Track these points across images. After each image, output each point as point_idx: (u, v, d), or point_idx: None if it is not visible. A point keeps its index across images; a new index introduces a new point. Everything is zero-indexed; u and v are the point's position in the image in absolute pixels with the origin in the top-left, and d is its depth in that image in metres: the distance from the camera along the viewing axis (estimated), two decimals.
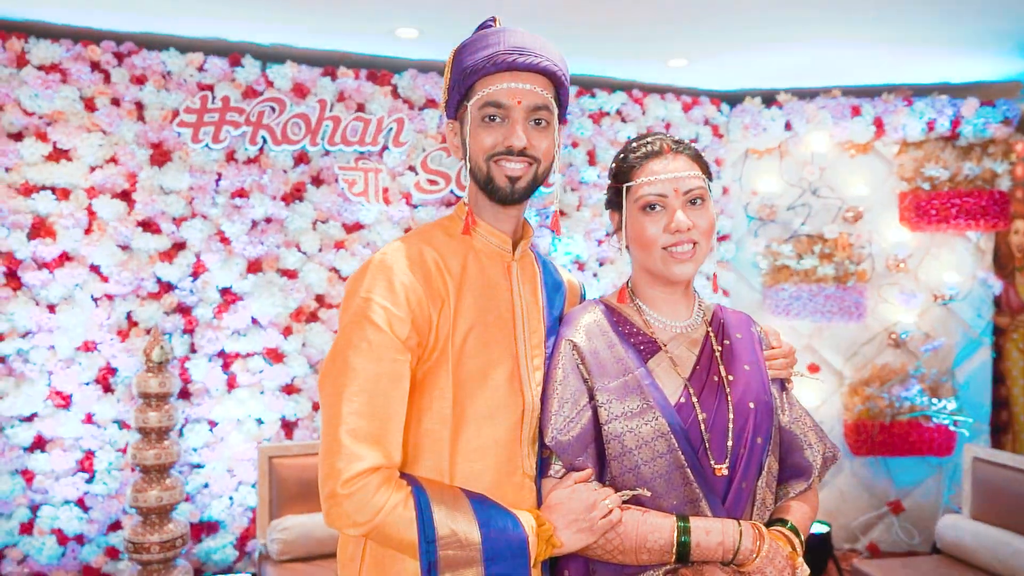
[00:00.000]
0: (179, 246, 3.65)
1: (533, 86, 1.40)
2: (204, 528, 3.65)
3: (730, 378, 1.47)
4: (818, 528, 4.14)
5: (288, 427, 3.79)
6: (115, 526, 3.51)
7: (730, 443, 1.41)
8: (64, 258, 3.48)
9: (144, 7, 3.32)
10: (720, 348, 1.52)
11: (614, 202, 1.54)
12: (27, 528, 3.44)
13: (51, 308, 3.46)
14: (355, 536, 1.28)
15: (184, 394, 3.62)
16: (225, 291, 3.70)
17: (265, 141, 3.75)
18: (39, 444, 3.45)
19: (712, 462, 1.40)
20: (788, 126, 4.49)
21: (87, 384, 3.50)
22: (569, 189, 4.28)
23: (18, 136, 3.45)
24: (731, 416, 1.43)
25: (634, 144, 1.52)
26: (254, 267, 3.74)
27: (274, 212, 3.76)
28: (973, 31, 3.64)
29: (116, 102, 3.56)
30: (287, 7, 3.32)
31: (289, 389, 3.78)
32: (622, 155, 1.52)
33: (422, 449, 1.33)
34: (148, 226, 3.59)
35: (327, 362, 1.28)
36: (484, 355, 1.36)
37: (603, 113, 4.33)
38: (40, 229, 3.45)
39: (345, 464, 1.21)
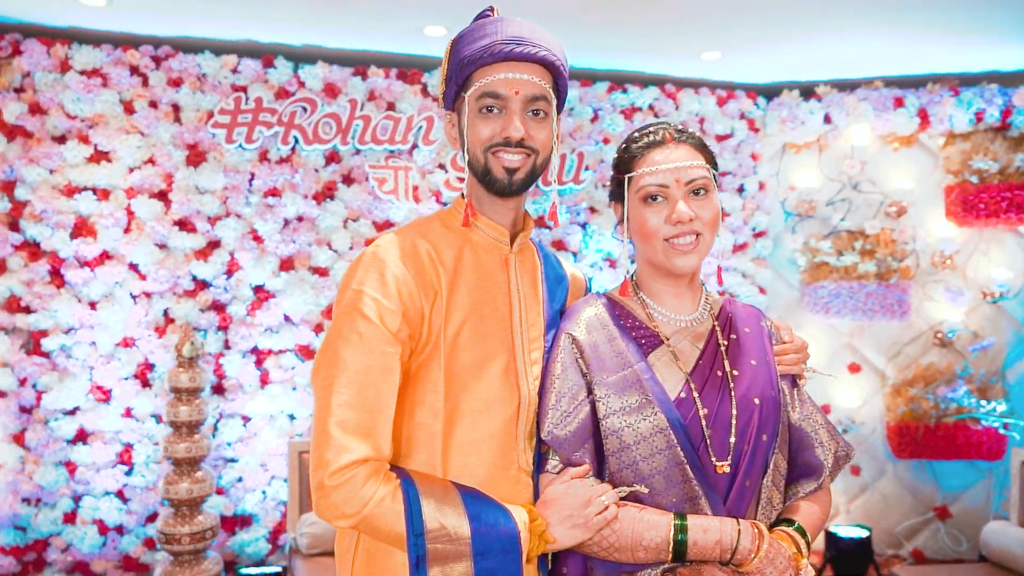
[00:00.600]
0: (214, 245, 3.73)
1: (531, 76, 1.38)
2: (238, 521, 3.73)
3: (735, 373, 1.43)
4: (858, 532, 4.02)
5: None
6: (152, 517, 3.61)
7: (733, 440, 1.37)
8: (104, 257, 3.59)
9: (180, 11, 3.40)
10: (726, 342, 1.48)
11: (617, 193, 1.51)
12: (70, 518, 3.55)
13: (92, 305, 3.57)
14: (349, 529, 1.28)
15: (218, 389, 3.70)
16: (258, 289, 3.77)
17: (297, 141, 3.81)
18: (81, 437, 3.57)
19: (713, 459, 1.36)
20: (827, 119, 4.37)
21: (126, 379, 3.60)
22: (600, 185, 4.24)
23: (61, 139, 3.57)
24: (734, 412, 1.39)
25: (636, 134, 1.49)
26: (286, 265, 3.80)
27: (306, 211, 3.81)
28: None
29: (154, 104, 3.66)
30: (318, 8, 3.36)
31: None
32: (624, 145, 1.50)
33: (415, 442, 1.32)
34: (184, 225, 3.68)
35: (319, 353, 1.29)
36: (478, 348, 1.35)
37: (635, 108, 4.28)
38: (82, 229, 3.56)
39: (334, 455, 1.21)
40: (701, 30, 3.67)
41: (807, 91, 4.43)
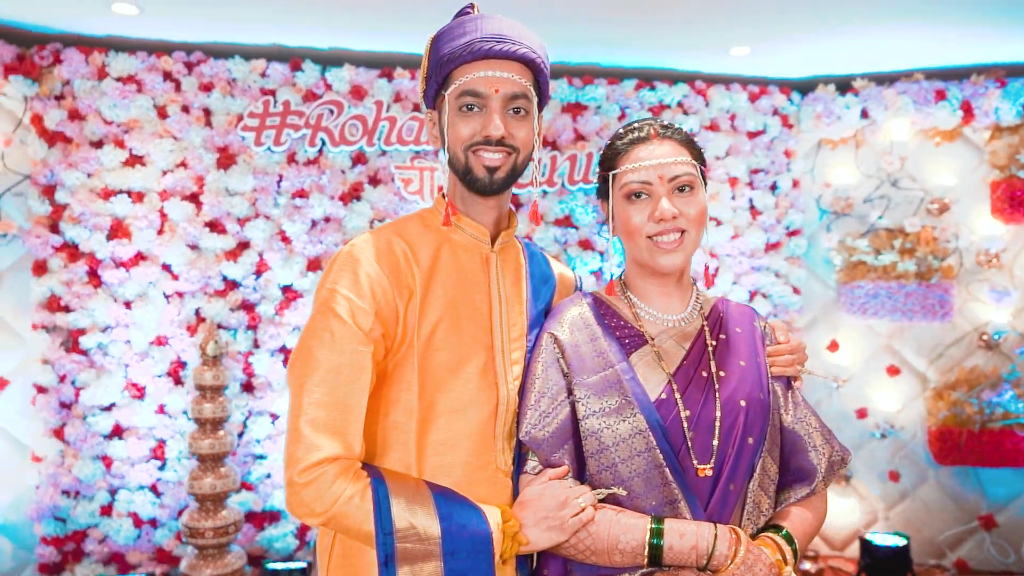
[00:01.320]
0: (243, 245, 3.81)
1: (510, 74, 1.37)
2: (267, 517, 3.80)
3: (721, 374, 1.39)
4: (895, 541, 3.89)
5: None
6: (184, 512, 3.70)
7: (716, 442, 1.34)
8: (139, 258, 3.70)
9: (210, 17, 3.48)
10: (715, 343, 1.44)
11: (602, 191, 1.49)
12: (107, 510, 3.67)
13: (127, 304, 3.68)
14: (320, 526, 1.29)
15: (248, 388, 3.77)
16: (286, 288, 3.83)
17: (324, 143, 3.86)
18: (117, 432, 3.68)
19: (695, 462, 1.33)
20: (864, 114, 4.24)
21: (159, 376, 3.70)
22: None
23: (99, 144, 3.69)
24: (718, 414, 1.35)
25: (622, 130, 1.47)
26: (314, 265, 3.85)
27: (333, 212, 3.86)
28: None
29: (186, 109, 3.75)
30: (344, 12, 3.40)
31: None
32: (610, 142, 1.48)
33: (390, 441, 1.33)
34: (215, 226, 3.77)
35: (294, 351, 1.30)
36: (454, 348, 1.34)
37: (663, 106, 4.22)
38: (118, 230, 3.67)
39: (303, 453, 1.22)
40: (727, 25, 3.59)
41: (843, 85, 4.30)
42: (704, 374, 1.39)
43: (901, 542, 3.86)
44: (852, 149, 4.33)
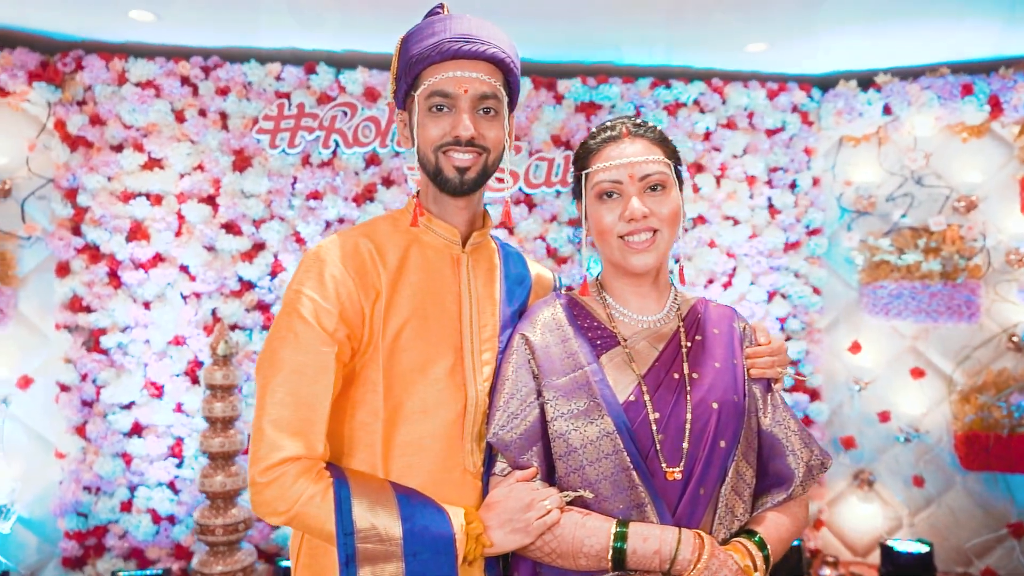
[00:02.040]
0: (259, 247, 3.86)
1: (480, 74, 1.36)
2: None
3: (694, 376, 1.37)
4: (917, 548, 3.79)
5: None
6: (197, 509, 3.76)
7: (686, 445, 1.32)
8: (157, 259, 3.77)
9: (226, 21, 3.53)
10: (690, 344, 1.42)
11: (577, 190, 1.48)
12: (126, 506, 3.74)
13: (146, 305, 3.76)
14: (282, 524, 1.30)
15: None
16: None
17: (338, 144, 3.90)
18: (136, 430, 3.76)
19: (664, 465, 1.31)
20: (887, 110, 4.13)
21: (177, 376, 3.77)
22: None
23: (119, 148, 3.77)
24: (689, 416, 1.33)
25: (596, 129, 1.45)
26: None
27: (347, 213, 3.89)
28: None
29: (203, 113, 3.82)
30: (358, 15, 3.41)
31: None
32: (583, 141, 1.46)
33: (356, 442, 1.33)
34: (231, 228, 3.82)
35: (260, 352, 1.31)
36: (421, 349, 1.34)
37: (679, 104, 4.17)
38: (137, 232, 3.75)
39: (265, 452, 1.23)
40: (744, 20, 3.53)
41: (865, 81, 4.20)
42: (676, 376, 1.36)
43: (923, 549, 3.76)
44: (875, 146, 4.23)
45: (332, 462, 1.30)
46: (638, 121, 1.42)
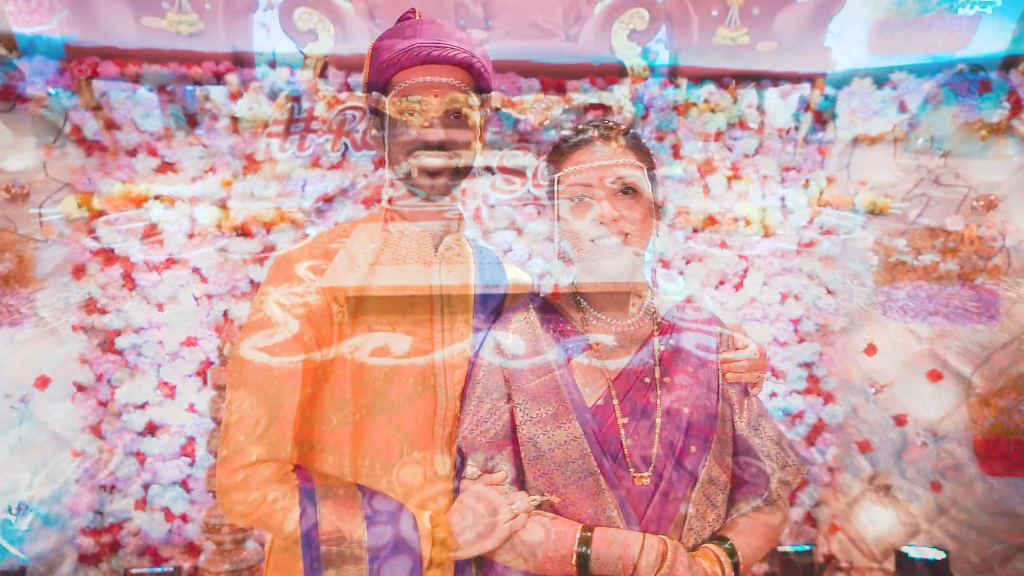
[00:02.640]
0: (269, 249, 3.90)
1: (449, 79, 1.37)
2: None
3: (665, 380, 1.36)
4: (932, 554, 3.71)
5: None
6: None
7: (655, 450, 1.31)
8: (170, 261, 3.83)
9: (237, 27, 3.58)
10: (663, 348, 1.40)
11: (550, 194, 1.47)
12: (140, 505, 3.81)
13: (159, 306, 3.82)
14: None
15: None
16: None
17: (347, 147, 3.92)
18: (150, 429, 3.81)
19: (632, 470, 1.30)
20: (903, 107, 4.06)
21: (189, 376, 3.82)
22: None
23: (133, 152, 3.83)
24: (658, 421, 1.32)
25: (568, 133, 1.45)
26: None
27: (356, 215, 3.91)
28: None
29: (214, 117, 3.87)
30: (368, 18, 3.45)
31: None
32: (555, 144, 1.45)
33: (325, 445, 1.33)
34: (242, 231, 3.87)
35: (231, 356, 1.33)
36: (390, 352, 1.34)
37: (689, 104, 4.13)
38: (150, 235, 3.81)
39: (232, 455, 1.24)
40: (753, 19, 3.49)
41: (881, 78, 4.12)
42: (647, 380, 1.35)
43: (940, 555, 3.68)
44: (890, 145, 4.15)
45: (301, 465, 1.31)
46: (610, 124, 1.42)
